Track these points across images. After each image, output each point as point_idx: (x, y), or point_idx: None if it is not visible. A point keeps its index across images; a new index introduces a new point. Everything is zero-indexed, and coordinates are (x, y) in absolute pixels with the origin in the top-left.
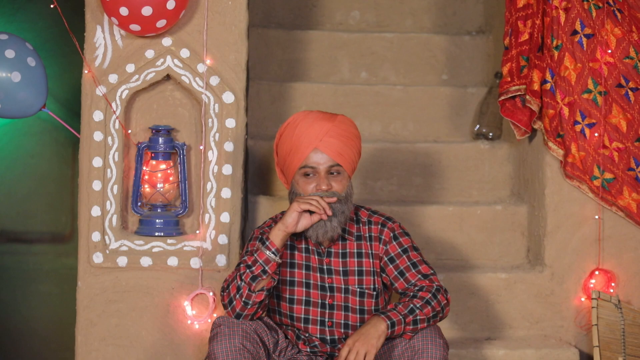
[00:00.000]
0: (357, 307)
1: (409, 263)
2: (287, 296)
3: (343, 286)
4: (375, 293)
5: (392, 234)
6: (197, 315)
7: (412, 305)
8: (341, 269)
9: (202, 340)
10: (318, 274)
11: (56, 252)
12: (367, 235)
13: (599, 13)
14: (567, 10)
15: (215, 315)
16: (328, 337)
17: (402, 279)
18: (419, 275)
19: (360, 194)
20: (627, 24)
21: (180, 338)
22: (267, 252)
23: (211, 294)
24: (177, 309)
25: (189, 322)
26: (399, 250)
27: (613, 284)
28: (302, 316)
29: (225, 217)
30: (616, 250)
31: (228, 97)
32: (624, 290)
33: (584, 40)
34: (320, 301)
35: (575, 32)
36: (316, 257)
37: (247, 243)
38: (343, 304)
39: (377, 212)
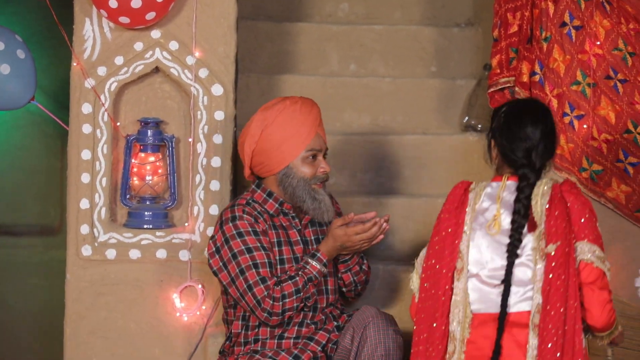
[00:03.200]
0: (333, 271)
1: None
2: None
3: None
4: None
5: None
6: (185, 307)
7: None
8: (312, 237)
9: (191, 332)
10: (302, 246)
11: (45, 245)
12: None
13: (588, 5)
14: (556, 2)
15: (204, 307)
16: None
17: None
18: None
19: (350, 186)
20: (616, 15)
21: (168, 330)
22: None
23: (200, 286)
24: (165, 301)
25: (178, 314)
26: None
27: None
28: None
29: (214, 210)
30: (605, 242)
31: (217, 90)
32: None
33: (573, 32)
34: None
35: (564, 24)
36: (295, 230)
37: (226, 224)
38: None
39: None
